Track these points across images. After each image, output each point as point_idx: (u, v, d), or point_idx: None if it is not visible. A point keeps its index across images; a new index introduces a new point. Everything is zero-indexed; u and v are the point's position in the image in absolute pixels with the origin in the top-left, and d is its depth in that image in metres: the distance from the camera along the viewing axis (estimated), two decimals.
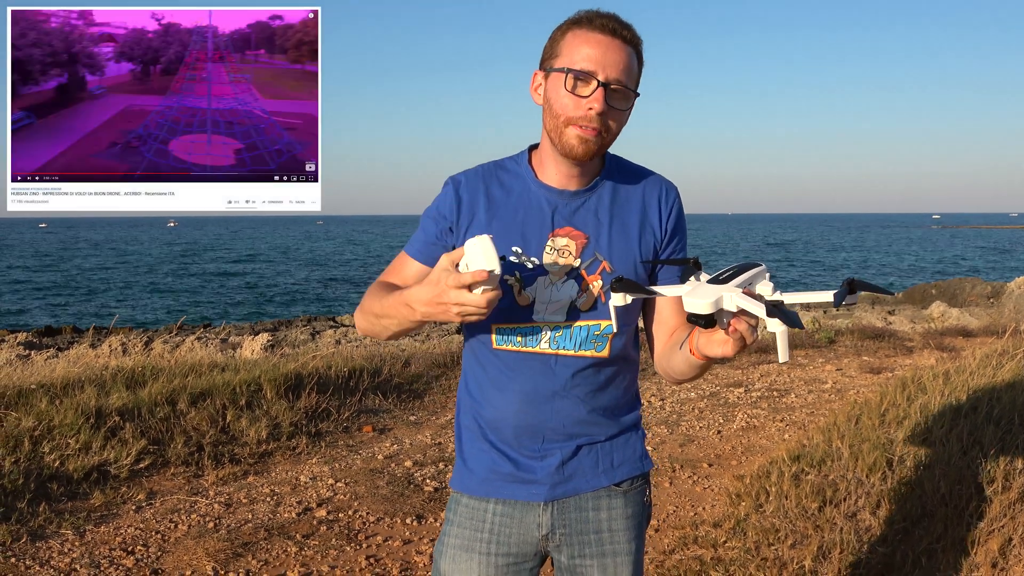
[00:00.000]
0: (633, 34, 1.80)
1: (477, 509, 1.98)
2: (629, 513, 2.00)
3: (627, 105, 1.81)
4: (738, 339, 1.52)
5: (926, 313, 18.43)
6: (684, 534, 4.44)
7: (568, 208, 1.89)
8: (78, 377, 6.21)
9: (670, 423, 6.99)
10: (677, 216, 1.97)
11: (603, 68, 1.76)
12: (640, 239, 1.91)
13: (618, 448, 1.99)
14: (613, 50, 1.77)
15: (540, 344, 1.88)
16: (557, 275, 1.86)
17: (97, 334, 18.17)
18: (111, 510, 4.71)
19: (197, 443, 5.61)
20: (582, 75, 1.76)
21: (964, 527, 3.90)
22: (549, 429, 1.91)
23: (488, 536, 1.96)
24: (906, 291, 31.85)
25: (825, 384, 8.61)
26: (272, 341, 12.27)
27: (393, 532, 4.61)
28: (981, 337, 11.56)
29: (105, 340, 11.64)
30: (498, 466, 1.95)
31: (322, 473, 5.47)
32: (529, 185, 1.91)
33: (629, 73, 1.79)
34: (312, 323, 24.60)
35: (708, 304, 1.44)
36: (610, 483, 1.97)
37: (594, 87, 1.76)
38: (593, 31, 1.78)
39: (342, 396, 6.98)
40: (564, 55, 1.80)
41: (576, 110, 1.77)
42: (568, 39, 1.81)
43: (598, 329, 1.88)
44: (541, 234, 1.88)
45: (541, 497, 1.93)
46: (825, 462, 4.62)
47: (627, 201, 1.93)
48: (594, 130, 1.78)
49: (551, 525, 1.95)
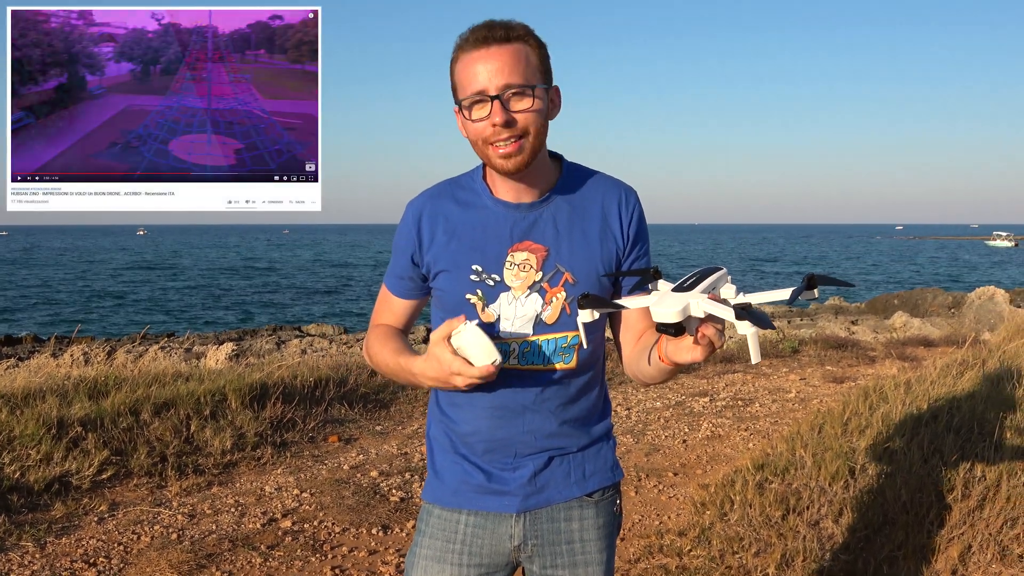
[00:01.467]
0: (510, 31, 1.77)
1: (449, 520, 1.98)
2: (600, 523, 2.01)
3: (531, 103, 1.78)
4: (707, 345, 1.52)
5: (888, 323, 18.65)
6: (650, 543, 4.46)
7: (525, 222, 1.88)
8: (39, 387, 6.12)
9: (636, 432, 7.01)
10: (639, 221, 1.96)
11: (488, 81, 1.75)
12: (601, 247, 1.91)
13: (589, 459, 2.00)
14: (492, 58, 1.75)
15: (509, 360, 1.87)
16: (519, 289, 1.86)
17: (59, 343, 17.93)
18: (73, 521, 4.65)
19: (160, 453, 5.55)
20: (473, 99, 1.77)
21: (925, 534, 3.95)
22: (521, 443, 1.92)
23: (460, 547, 1.96)
24: (869, 301, 32.19)
25: (789, 393, 8.68)
26: (237, 351, 12.18)
27: (359, 542, 4.58)
28: (942, 347, 11.71)
29: (67, 350, 11.48)
30: (470, 477, 1.95)
31: (287, 483, 5.43)
32: (485, 202, 1.91)
33: (519, 71, 1.76)
34: (277, 332, 24.48)
35: (676, 313, 1.45)
36: (582, 494, 1.98)
37: (488, 104, 1.76)
38: (470, 50, 1.77)
39: (308, 406, 6.94)
40: (459, 86, 1.81)
41: (484, 132, 1.78)
42: (456, 69, 1.81)
43: (565, 341, 1.88)
44: (500, 250, 1.87)
45: (513, 508, 1.94)
46: (789, 471, 4.66)
47: (586, 209, 1.92)
48: (509, 142, 1.77)
49: (523, 536, 1.95)
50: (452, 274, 1.88)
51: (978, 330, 14.45)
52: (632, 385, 8.86)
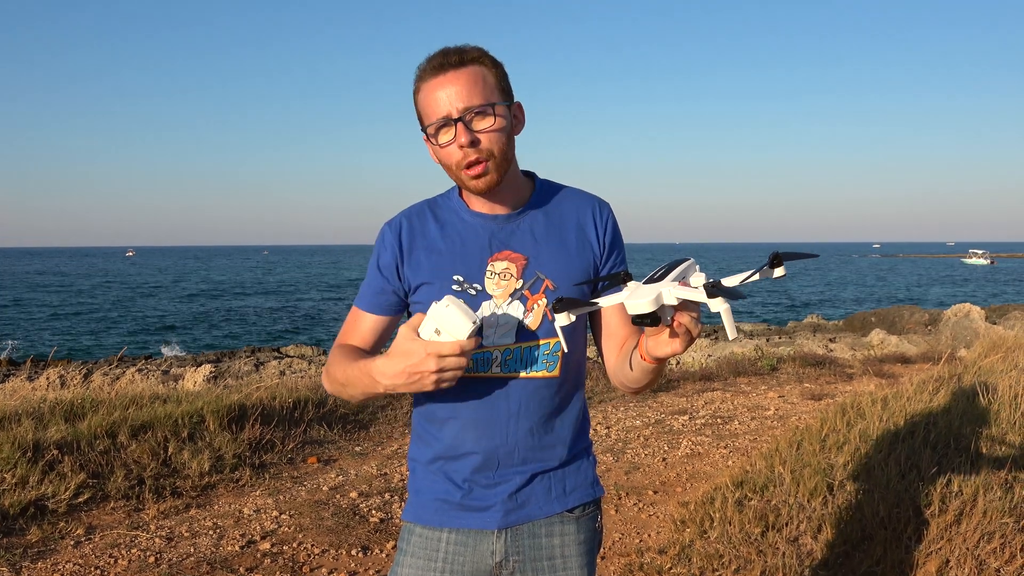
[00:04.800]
0: (464, 55, 1.81)
1: (430, 539, 1.97)
2: (582, 539, 2.01)
3: (493, 121, 1.81)
4: (684, 333, 1.54)
5: (866, 340, 18.78)
6: (630, 561, 4.46)
7: (504, 232, 1.92)
8: (15, 410, 6.07)
9: (616, 451, 7.02)
10: (613, 231, 2.00)
11: (449, 105, 1.78)
12: (579, 256, 1.94)
13: (570, 474, 2.00)
14: (449, 83, 1.79)
15: (491, 368, 1.88)
16: (501, 298, 1.88)
17: (35, 366, 17.77)
18: (49, 546, 4.60)
19: (138, 476, 5.51)
20: (438, 125, 1.81)
21: (903, 550, 3.97)
22: (503, 454, 1.92)
23: (441, 565, 1.95)
24: (846, 319, 32.42)
25: (767, 411, 8.71)
26: (215, 372, 12.11)
27: (339, 564, 4.56)
28: (919, 364, 11.81)
29: (43, 372, 11.39)
30: (450, 495, 1.95)
31: (266, 505, 5.40)
32: (463, 215, 1.94)
33: (477, 91, 1.80)
34: (256, 354, 24.37)
35: (649, 302, 1.47)
36: (563, 509, 1.98)
37: (452, 128, 1.79)
38: (428, 79, 1.81)
39: (286, 427, 6.91)
40: (423, 114, 1.85)
41: (454, 156, 1.81)
42: (419, 99, 1.85)
43: (548, 348, 1.90)
44: (481, 259, 1.89)
45: (494, 525, 1.94)
46: (768, 487, 4.68)
47: (562, 220, 1.96)
48: (477, 163, 1.81)
49: (504, 552, 1.95)
50: (434, 285, 1.89)
51: (954, 347, 14.57)
52: (612, 404, 8.87)
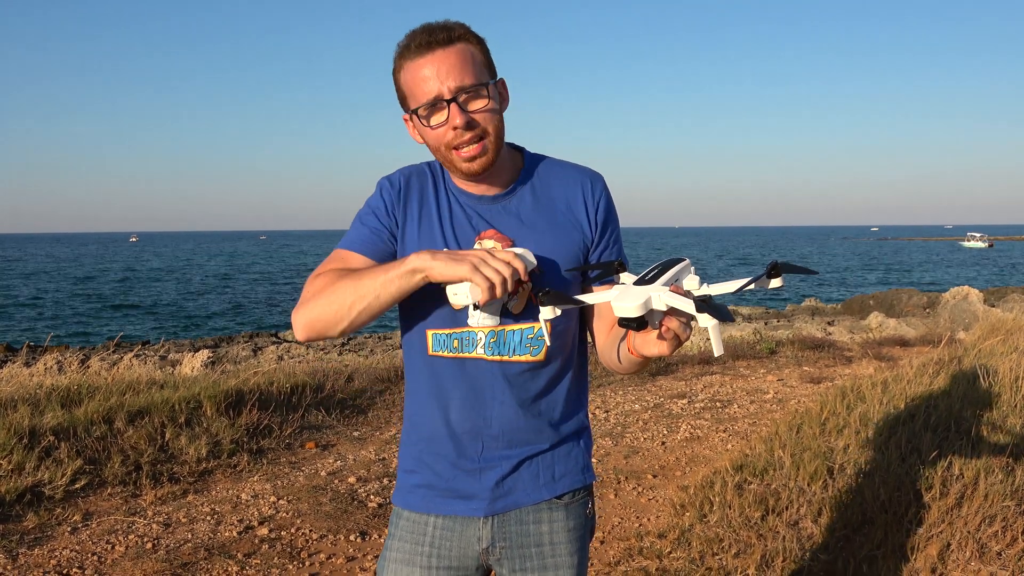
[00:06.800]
0: (450, 32, 1.75)
1: (418, 523, 1.95)
2: (571, 526, 1.98)
3: (487, 102, 1.77)
4: (672, 338, 1.49)
5: (864, 323, 18.77)
6: (629, 545, 4.45)
7: (489, 212, 1.87)
8: (11, 396, 6.05)
9: (615, 435, 7.01)
10: (606, 207, 1.93)
11: (440, 85, 1.73)
12: (568, 237, 1.88)
13: (559, 460, 1.96)
14: (439, 61, 1.73)
15: (476, 349, 1.85)
16: None
17: (31, 352, 17.76)
18: (45, 532, 4.59)
19: (135, 462, 5.49)
20: (431, 106, 1.75)
21: (904, 533, 3.95)
22: (489, 437, 1.88)
23: (428, 550, 1.93)
24: (845, 302, 32.41)
25: (767, 394, 8.70)
26: (212, 358, 12.08)
27: (337, 549, 4.54)
28: (918, 346, 11.80)
29: (40, 358, 11.36)
30: (437, 481, 1.93)
31: (264, 491, 5.38)
32: (451, 190, 1.90)
33: (467, 70, 1.75)
34: (254, 339, 24.34)
35: (637, 307, 1.43)
36: (551, 496, 1.94)
37: (445, 108, 1.74)
38: (414, 57, 1.75)
39: (284, 412, 6.89)
40: (409, 95, 1.79)
41: (446, 137, 1.76)
42: (402, 78, 1.79)
43: (531, 332, 1.86)
44: (468, 237, 1.85)
45: (481, 512, 1.91)
46: (767, 471, 4.66)
47: (550, 200, 1.90)
48: (472, 143, 1.76)
49: (491, 539, 1.92)
50: None
51: (953, 329, 14.56)
52: (611, 388, 8.85)
